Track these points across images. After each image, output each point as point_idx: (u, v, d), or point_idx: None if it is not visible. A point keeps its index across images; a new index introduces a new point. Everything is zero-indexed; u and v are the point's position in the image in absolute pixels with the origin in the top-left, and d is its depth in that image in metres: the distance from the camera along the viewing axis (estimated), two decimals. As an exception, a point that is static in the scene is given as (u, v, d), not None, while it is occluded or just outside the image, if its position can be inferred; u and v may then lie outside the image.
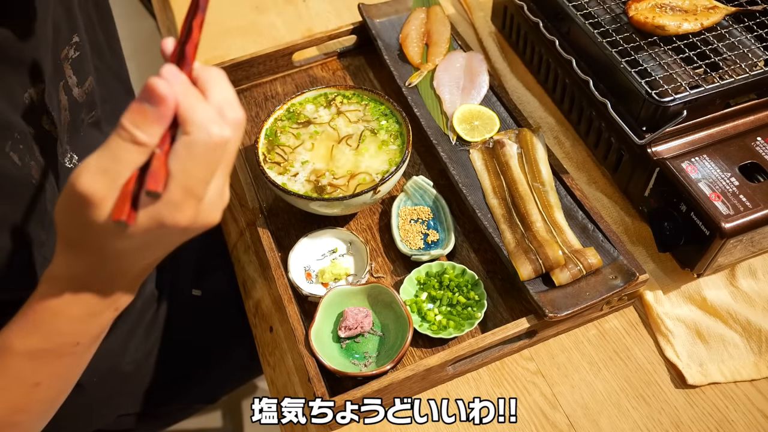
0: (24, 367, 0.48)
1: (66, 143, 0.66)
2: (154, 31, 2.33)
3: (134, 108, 0.38)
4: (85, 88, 0.69)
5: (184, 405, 1.04)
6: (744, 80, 0.70)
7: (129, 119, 0.38)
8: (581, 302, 0.65)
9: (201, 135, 0.39)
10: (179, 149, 0.39)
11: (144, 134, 0.38)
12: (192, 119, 0.39)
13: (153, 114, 0.38)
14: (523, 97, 0.91)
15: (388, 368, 0.64)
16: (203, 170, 0.40)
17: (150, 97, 0.38)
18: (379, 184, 0.71)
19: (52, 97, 0.62)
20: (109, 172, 0.38)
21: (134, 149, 0.38)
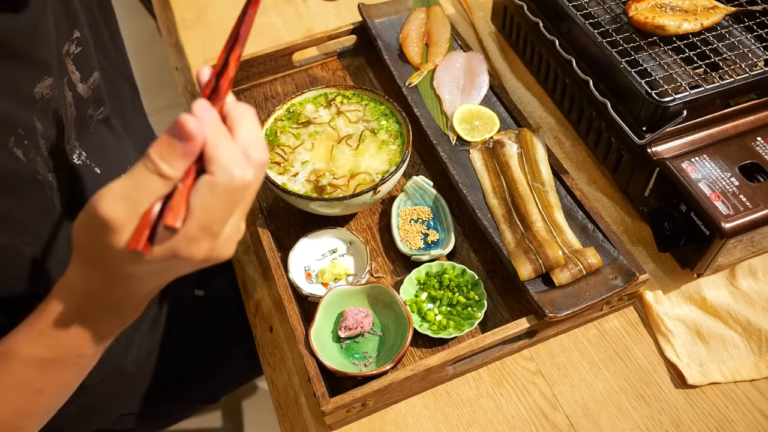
0: (29, 373, 0.48)
1: (74, 140, 0.66)
2: (154, 31, 2.32)
3: (162, 141, 0.39)
4: (90, 84, 0.68)
5: (184, 405, 1.04)
6: (744, 80, 0.70)
7: (156, 151, 0.39)
8: (581, 302, 0.65)
9: (224, 177, 0.40)
10: (201, 188, 0.40)
11: (169, 167, 0.39)
12: (217, 160, 0.40)
13: (180, 149, 0.39)
14: (523, 97, 0.91)
15: (388, 368, 0.64)
16: (222, 210, 0.41)
17: (179, 133, 0.39)
18: (379, 184, 0.71)
19: (58, 93, 0.62)
20: (131, 200, 0.39)
21: (158, 180, 0.39)
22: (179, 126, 0.39)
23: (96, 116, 0.72)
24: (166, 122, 0.68)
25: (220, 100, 0.43)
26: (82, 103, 0.68)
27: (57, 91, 0.62)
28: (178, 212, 0.39)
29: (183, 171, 0.40)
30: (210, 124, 0.40)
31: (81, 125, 0.68)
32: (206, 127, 0.40)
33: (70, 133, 0.66)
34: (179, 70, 1.09)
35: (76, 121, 0.67)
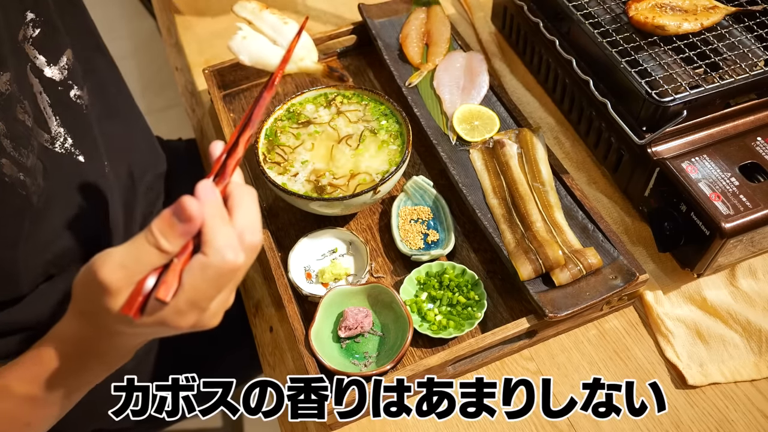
0: (19, 408, 0.52)
1: (58, 126, 0.65)
2: (154, 31, 2.33)
3: (165, 217, 0.42)
4: (62, 65, 0.66)
5: None
6: (744, 80, 0.70)
7: (158, 227, 0.42)
8: (581, 302, 0.65)
9: (216, 259, 0.42)
10: (194, 266, 0.42)
11: (168, 243, 0.42)
12: (211, 242, 0.42)
13: (179, 228, 0.42)
14: (523, 97, 0.91)
15: (388, 368, 0.64)
16: (211, 289, 0.43)
17: (180, 213, 0.42)
18: (379, 184, 0.71)
19: (24, 84, 0.61)
20: (129, 269, 0.42)
21: (156, 254, 0.42)
22: (181, 207, 0.42)
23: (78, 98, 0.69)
24: (167, 122, 0.68)
25: (224, 179, 0.46)
26: (56, 86, 0.65)
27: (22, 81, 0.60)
28: (170, 287, 0.42)
29: (180, 247, 0.43)
30: (210, 206, 0.43)
31: (64, 110, 0.66)
32: (206, 209, 0.43)
33: (50, 120, 0.64)
34: (179, 70, 1.09)
35: (55, 106, 0.65)
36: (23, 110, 0.60)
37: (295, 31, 0.59)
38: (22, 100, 0.60)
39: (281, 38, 0.59)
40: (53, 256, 0.67)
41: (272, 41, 0.59)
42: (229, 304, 0.48)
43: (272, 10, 0.60)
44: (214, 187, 0.44)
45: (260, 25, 0.59)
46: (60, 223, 0.67)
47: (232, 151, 0.47)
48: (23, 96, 0.60)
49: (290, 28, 0.59)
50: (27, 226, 0.62)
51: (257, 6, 0.61)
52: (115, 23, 2.52)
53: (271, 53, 0.58)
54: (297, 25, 0.59)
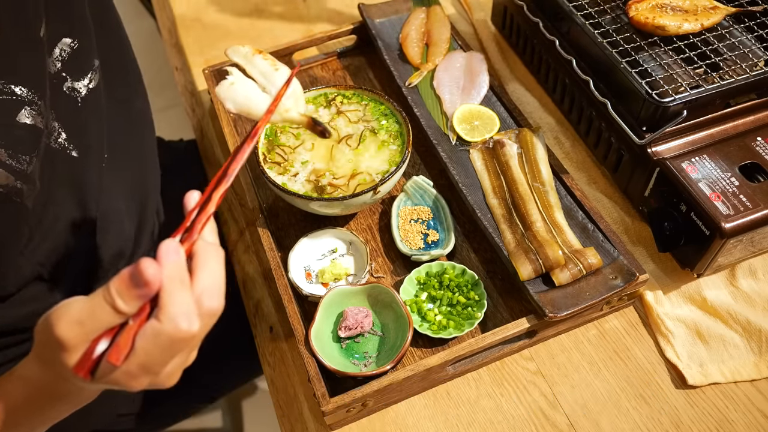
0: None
1: (53, 120, 0.63)
2: (154, 31, 2.32)
3: (123, 278, 0.41)
4: (56, 56, 0.63)
5: (183, 405, 1.04)
6: (744, 80, 0.70)
7: (115, 287, 0.41)
8: (581, 302, 0.65)
9: (169, 327, 0.41)
10: (147, 331, 0.42)
11: (124, 304, 0.41)
12: (166, 309, 0.41)
13: (135, 292, 0.41)
14: (523, 97, 0.91)
15: (388, 368, 0.64)
16: (164, 355, 0.43)
17: (137, 277, 0.41)
18: (379, 184, 0.71)
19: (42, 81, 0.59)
20: (85, 326, 0.42)
21: (112, 313, 0.41)
22: (139, 272, 0.41)
23: (82, 89, 0.66)
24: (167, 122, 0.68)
25: (192, 236, 0.45)
26: (54, 78, 0.63)
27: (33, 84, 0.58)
28: (122, 350, 0.42)
29: (137, 308, 0.42)
30: (170, 269, 0.42)
31: (57, 103, 0.63)
32: (165, 273, 0.42)
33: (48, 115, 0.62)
34: (179, 70, 1.09)
35: (52, 100, 0.63)
36: (36, 112, 0.58)
37: (285, 77, 0.57)
38: (37, 101, 0.58)
39: (270, 85, 0.57)
40: (43, 257, 0.66)
41: (261, 87, 0.57)
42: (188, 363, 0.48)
43: (265, 55, 0.58)
44: (179, 248, 0.43)
45: (251, 70, 0.57)
46: (49, 222, 0.65)
47: (204, 207, 0.46)
48: (39, 96, 0.58)
49: (280, 75, 0.57)
50: (25, 230, 0.61)
51: (250, 50, 0.58)
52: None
53: (258, 101, 0.56)
54: (288, 72, 0.57)
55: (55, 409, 0.52)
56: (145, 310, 0.42)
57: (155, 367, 0.43)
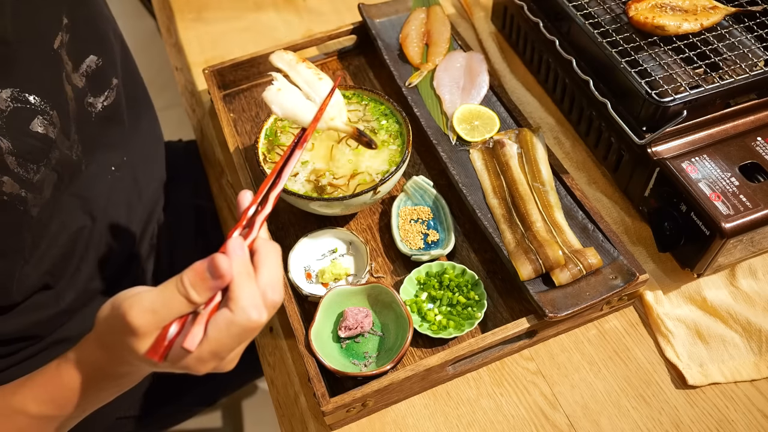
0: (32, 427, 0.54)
1: (74, 133, 0.65)
2: (154, 31, 2.32)
3: (197, 270, 0.44)
4: (82, 71, 0.66)
5: (183, 407, 1.03)
6: (744, 80, 0.70)
7: (189, 278, 0.44)
8: (581, 302, 0.65)
9: (241, 318, 0.44)
10: (220, 321, 0.44)
11: (197, 295, 0.44)
12: (238, 301, 0.44)
13: (210, 283, 0.44)
14: (523, 97, 0.91)
15: (388, 368, 0.64)
16: (233, 342, 0.45)
17: (212, 270, 0.44)
18: (379, 184, 0.71)
19: (57, 93, 0.61)
20: (158, 314, 0.44)
21: (185, 303, 0.44)
22: (214, 265, 0.44)
23: (98, 105, 0.69)
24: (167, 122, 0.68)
25: (252, 234, 0.48)
26: (79, 94, 0.66)
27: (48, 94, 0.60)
28: (196, 337, 0.44)
29: (207, 299, 0.45)
30: (238, 263, 0.45)
31: (80, 118, 0.66)
32: (235, 266, 0.45)
33: (71, 128, 0.64)
34: (179, 70, 1.09)
35: (76, 114, 0.65)
36: (47, 122, 0.60)
37: (328, 87, 0.60)
38: (49, 111, 0.60)
39: (314, 93, 0.60)
40: (50, 264, 0.67)
41: (305, 95, 0.60)
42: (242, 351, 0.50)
43: (308, 64, 0.61)
44: (243, 244, 0.46)
45: (295, 77, 0.60)
46: (56, 230, 0.67)
47: (261, 206, 0.50)
48: (50, 106, 0.60)
49: (324, 85, 0.61)
50: (27, 238, 0.62)
51: (294, 58, 0.61)
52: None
53: (304, 108, 0.59)
54: (330, 82, 0.61)
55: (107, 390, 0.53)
56: (214, 301, 0.45)
57: (224, 353, 0.46)
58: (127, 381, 0.53)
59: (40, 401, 0.52)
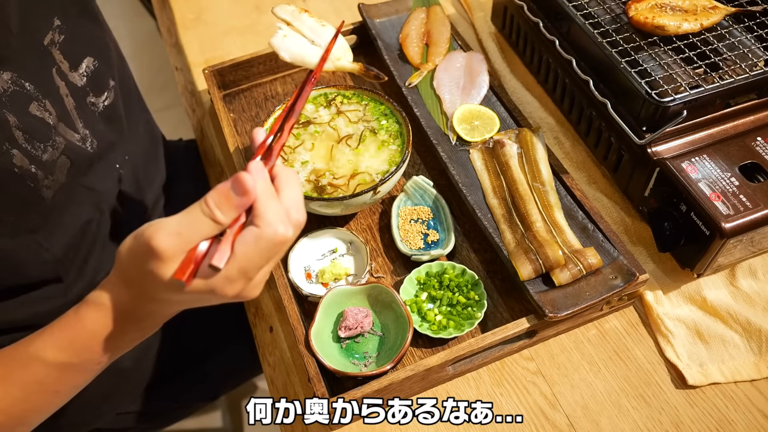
0: (51, 376, 0.52)
1: (83, 128, 0.68)
2: (154, 31, 2.33)
3: (221, 191, 0.44)
4: (82, 72, 0.69)
5: (183, 403, 1.04)
6: (744, 80, 0.70)
7: (214, 199, 0.44)
8: (581, 302, 0.65)
9: (269, 231, 0.45)
10: (248, 237, 0.45)
11: (223, 215, 0.44)
12: (264, 216, 0.45)
13: (235, 201, 0.44)
14: (523, 97, 0.91)
15: (388, 368, 0.64)
16: (261, 259, 0.45)
17: (237, 187, 0.44)
18: (379, 184, 0.71)
19: (48, 84, 0.64)
20: (183, 237, 0.44)
21: (210, 224, 0.44)
22: (239, 182, 0.44)
23: (100, 103, 0.72)
24: (167, 122, 0.69)
25: (271, 161, 0.49)
26: (78, 91, 0.68)
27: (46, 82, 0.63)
28: (225, 255, 0.44)
29: (233, 219, 0.45)
30: (262, 183, 0.46)
31: (82, 113, 0.69)
32: (258, 186, 0.45)
33: (77, 122, 0.67)
34: (179, 70, 1.09)
35: (78, 110, 0.68)
36: (42, 108, 0.62)
37: (332, 33, 0.63)
38: (41, 99, 0.62)
39: (319, 39, 0.62)
40: (62, 253, 0.68)
41: (310, 41, 0.62)
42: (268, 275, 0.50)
43: (310, 14, 0.64)
44: (264, 167, 0.47)
45: (299, 26, 0.63)
46: (70, 221, 0.68)
47: (278, 137, 0.51)
48: (42, 95, 0.62)
49: (327, 31, 0.63)
50: (34, 218, 0.63)
51: (296, 9, 0.64)
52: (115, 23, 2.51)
53: (310, 52, 0.62)
54: (333, 29, 0.64)
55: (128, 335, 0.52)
56: (239, 221, 0.45)
57: (251, 272, 0.46)
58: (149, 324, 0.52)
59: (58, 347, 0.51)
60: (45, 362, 0.51)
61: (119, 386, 0.87)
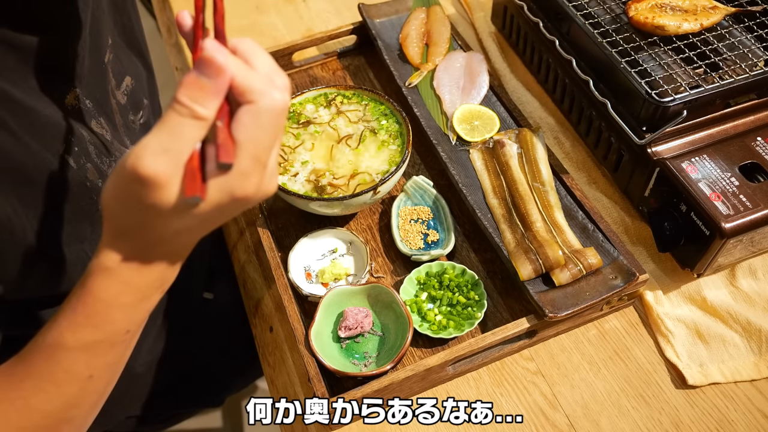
0: (78, 360, 0.47)
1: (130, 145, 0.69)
2: (154, 31, 2.32)
3: (190, 82, 0.37)
4: (123, 90, 0.70)
5: (186, 408, 1.04)
6: (744, 80, 0.70)
7: (186, 94, 0.37)
8: (581, 302, 0.65)
9: (266, 102, 0.39)
10: (245, 118, 0.38)
11: (204, 108, 0.37)
12: (252, 88, 0.38)
13: (211, 87, 0.37)
14: (523, 97, 0.91)
15: (388, 368, 0.64)
16: (269, 137, 0.40)
17: (207, 70, 0.37)
18: (379, 184, 0.71)
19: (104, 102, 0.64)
20: (172, 151, 0.37)
21: (195, 124, 0.37)
22: (208, 62, 0.37)
23: (137, 121, 0.73)
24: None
25: (223, 38, 0.41)
26: (123, 109, 0.69)
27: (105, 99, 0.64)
28: (229, 147, 0.38)
29: (216, 110, 0.38)
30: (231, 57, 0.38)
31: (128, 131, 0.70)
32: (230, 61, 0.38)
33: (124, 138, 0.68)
34: (179, 70, 1.09)
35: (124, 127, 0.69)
36: (100, 125, 0.63)
37: None
38: (98, 116, 0.63)
39: None
40: None
41: None
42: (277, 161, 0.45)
43: None
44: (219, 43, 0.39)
45: None
46: None
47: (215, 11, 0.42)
48: (98, 112, 0.63)
49: None
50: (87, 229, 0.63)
51: None
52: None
53: None
54: None
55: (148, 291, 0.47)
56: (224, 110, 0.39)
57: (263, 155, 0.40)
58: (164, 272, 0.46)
59: (75, 328, 0.45)
60: (67, 348, 0.46)
61: (129, 391, 0.87)
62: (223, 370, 1.00)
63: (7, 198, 0.52)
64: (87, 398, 0.50)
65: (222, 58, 0.37)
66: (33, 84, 0.54)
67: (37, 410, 0.47)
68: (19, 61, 0.53)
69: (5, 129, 0.51)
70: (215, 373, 0.99)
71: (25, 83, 0.54)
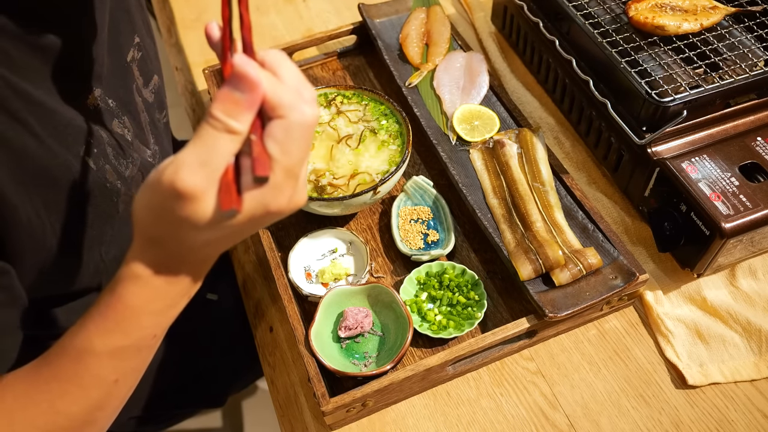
0: (105, 365, 0.48)
1: (153, 144, 0.69)
2: (154, 31, 2.32)
3: (224, 97, 0.38)
4: (151, 88, 0.71)
5: (186, 410, 1.04)
6: (744, 80, 0.70)
7: (221, 109, 0.38)
8: (581, 302, 0.65)
9: (296, 116, 0.39)
10: (276, 133, 0.39)
11: (238, 123, 0.38)
12: (283, 103, 0.39)
13: (245, 101, 0.38)
14: (523, 97, 0.91)
15: (388, 368, 0.64)
16: (300, 150, 0.40)
17: (240, 84, 0.38)
18: (379, 184, 0.71)
19: (129, 101, 0.64)
20: (208, 165, 0.38)
21: (229, 138, 0.38)
22: (241, 77, 0.37)
23: (161, 119, 0.74)
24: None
25: (251, 51, 0.41)
26: (149, 107, 0.70)
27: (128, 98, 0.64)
28: (265, 161, 0.39)
29: (250, 124, 0.39)
30: (263, 72, 0.39)
31: (154, 129, 0.70)
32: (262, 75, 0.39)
33: (149, 138, 0.68)
34: (179, 70, 1.09)
35: (149, 125, 0.69)
36: (122, 125, 0.63)
37: None
38: (121, 116, 0.63)
39: None
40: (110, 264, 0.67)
41: None
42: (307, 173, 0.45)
43: None
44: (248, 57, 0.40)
45: None
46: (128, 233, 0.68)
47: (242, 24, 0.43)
48: (122, 111, 0.63)
49: None
50: (107, 231, 0.62)
51: None
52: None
53: None
54: None
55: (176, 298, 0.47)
56: (256, 124, 0.39)
57: (296, 168, 0.41)
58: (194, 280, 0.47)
59: (104, 333, 0.46)
60: (95, 353, 0.47)
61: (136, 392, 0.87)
62: (225, 370, 1.00)
63: (32, 200, 0.52)
64: (111, 402, 0.51)
65: (254, 72, 0.38)
66: (55, 85, 0.54)
67: (63, 413, 0.48)
68: (43, 62, 0.53)
69: (30, 131, 0.51)
70: (217, 373, 0.99)
71: (48, 85, 0.54)
